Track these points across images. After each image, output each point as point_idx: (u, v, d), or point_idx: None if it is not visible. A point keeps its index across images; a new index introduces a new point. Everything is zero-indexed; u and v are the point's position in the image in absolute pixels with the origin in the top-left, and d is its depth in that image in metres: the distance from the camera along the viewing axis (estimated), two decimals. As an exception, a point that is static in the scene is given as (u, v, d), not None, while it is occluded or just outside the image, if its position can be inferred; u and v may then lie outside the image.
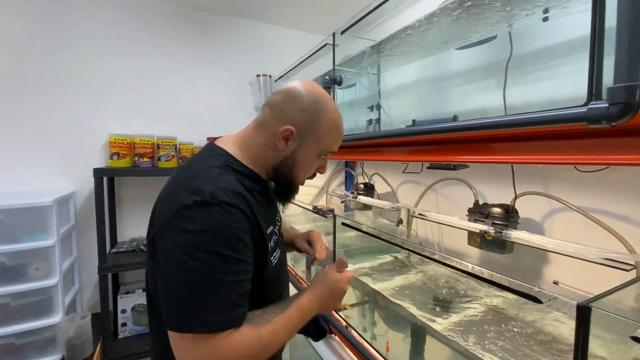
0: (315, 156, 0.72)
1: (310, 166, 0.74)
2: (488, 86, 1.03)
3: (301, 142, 0.69)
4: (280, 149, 0.69)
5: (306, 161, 0.72)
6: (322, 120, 0.69)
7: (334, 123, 0.71)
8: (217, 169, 0.63)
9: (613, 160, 0.53)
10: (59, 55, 1.71)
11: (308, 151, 0.70)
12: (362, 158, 1.21)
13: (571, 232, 1.02)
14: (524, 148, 0.67)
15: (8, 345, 1.32)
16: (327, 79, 1.22)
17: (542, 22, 0.79)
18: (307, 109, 0.68)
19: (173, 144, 1.84)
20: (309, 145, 0.70)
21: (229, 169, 0.66)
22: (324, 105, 0.69)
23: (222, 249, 0.55)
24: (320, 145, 0.71)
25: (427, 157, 0.88)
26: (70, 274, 1.65)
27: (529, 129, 0.61)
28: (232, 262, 0.56)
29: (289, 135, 0.67)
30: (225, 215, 0.56)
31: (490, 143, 0.72)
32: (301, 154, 0.70)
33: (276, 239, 0.74)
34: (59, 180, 1.72)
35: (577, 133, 0.57)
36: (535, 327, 0.86)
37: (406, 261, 1.44)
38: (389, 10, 1.03)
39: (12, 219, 1.32)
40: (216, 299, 0.54)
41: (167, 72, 1.98)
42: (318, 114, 0.68)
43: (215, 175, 0.61)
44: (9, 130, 1.62)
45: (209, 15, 2.09)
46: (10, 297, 1.32)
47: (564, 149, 0.60)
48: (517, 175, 1.12)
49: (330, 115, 0.70)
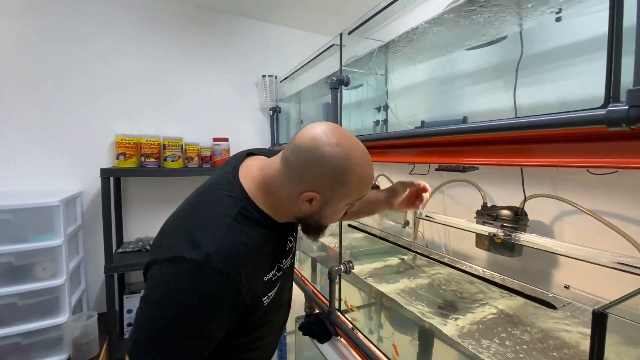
0: (344, 205, 0.68)
1: (340, 213, 0.70)
2: (497, 87, 1.01)
3: (328, 201, 0.64)
4: (305, 209, 0.65)
5: (334, 212, 0.68)
6: (348, 180, 0.62)
7: (362, 177, 0.64)
8: (230, 220, 0.60)
9: (629, 163, 0.52)
10: (67, 56, 1.72)
11: (336, 205, 0.66)
12: (369, 159, 1.20)
13: (582, 236, 1.01)
14: (536, 151, 0.65)
15: (15, 345, 1.33)
16: (334, 80, 1.22)
17: (554, 22, 0.78)
18: (331, 174, 0.61)
19: (179, 144, 1.84)
20: (336, 201, 0.65)
21: (244, 219, 0.62)
22: (348, 164, 0.61)
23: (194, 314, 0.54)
24: (349, 199, 0.66)
25: (436, 159, 0.87)
26: (76, 274, 1.65)
27: (542, 131, 0.59)
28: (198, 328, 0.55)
29: (313, 198, 0.63)
30: (211, 284, 0.55)
31: (501, 145, 0.71)
32: (328, 209, 0.66)
33: (276, 278, 0.71)
34: (66, 180, 1.73)
35: (590, 136, 0.56)
36: (545, 333, 0.85)
37: (413, 263, 1.43)
38: (397, 10, 1.02)
39: (19, 218, 1.33)
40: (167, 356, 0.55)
41: (173, 73, 1.98)
42: (344, 175, 0.61)
43: (223, 232, 0.58)
44: (17, 130, 1.63)
45: (217, 15, 2.10)
46: (17, 297, 1.33)
47: (577, 152, 0.59)
48: (525, 177, 1.10)
49: (358, 172, 0.63)
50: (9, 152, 1.62)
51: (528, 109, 0.92)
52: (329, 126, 0.63)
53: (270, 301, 0.69)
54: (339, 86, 1.22)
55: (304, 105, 2.14)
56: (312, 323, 1.28)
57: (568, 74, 0.85)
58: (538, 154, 0.64)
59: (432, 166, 1.53)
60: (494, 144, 0.71)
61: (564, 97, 0.87)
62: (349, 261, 1.25)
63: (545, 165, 0.61)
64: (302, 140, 0.62)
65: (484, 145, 0.74)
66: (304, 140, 0.62)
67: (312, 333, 1.26)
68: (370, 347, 1.07)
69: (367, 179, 0.66)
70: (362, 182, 0.65)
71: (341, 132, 0.63)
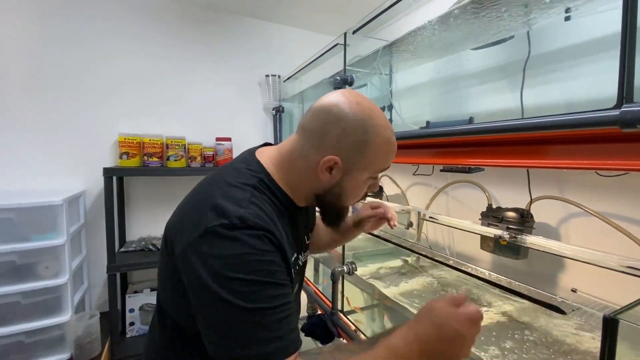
0: (366, 179, 0.63)
1: (361, 190, 0.65)
2: (504, 87, 1.00)
3: (348, 169, 0.59)
4: (324, 180, 0.60)
5: (355, 187, 0.63)
6: (372, 141, 0.58)
7: (385, 141, 0.59)
8: (251, 188, 0.58)
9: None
10: (71, 56, 1.72)
11: (357, 177, 0.61)
12: (372, 160, 1.19)
13: (589, 238, 0.99)
14: (545, 152, 0.64)
15: (18, 343, 1.33)
16: (337, 79, 1.21)
17: (563, 22, 0.77)
18: (353, 134, 0.57)
19: (182, 144, 1.84)
20: (358, 171, 0.60)
21: (265, 189, 0.60)
22: (372, 123, 0.58)
23: (253, 275, 0.49)
24: (371, 168, 0.61)
25: (442, 160, 0.86)
26: (79, 273, 1.66)
27: (550, 132, 0.58)
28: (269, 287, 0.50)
29: (333, 166, 0.59)
30: (254, 240, 0.51)
31: (508, 146, 0.70)
32: (350, 182, 0.61)
33: (297, 269, 0.68)
34: (69, 180, 1.74)
35: (601, 137, 0.55)
36: (549, 336, 0.84)
37: (416, 265, 1.42)
38: (402, 9, 1.01)
39: (22, 217, 1.33)
40: (260, 329, 0.48)
41: (176, 72, 1.98)
42: (367, 134, 0.57)
43: (248, 196, 0.56)
44: (21, 130, 1.64)
45: (219, 15, 2.09)
46: (20, 296, 1.33)
47: (587, 154, 0.58)
48: (531, 179, 1.09)
49: (382, 133, 0.59)
50: (13, 151, 1.62)
51: (534, 109, 0.91)
52: (347, 90, 0.61)
53: (294, 293, 0.65)
54: (343, 86, 1.22)
55: (307, 105, 2.13)
56: (315, 324, 1.27)
57: (576, 74, 0.83)
58: (547, 155, 0.63)
59: (436, 167, 1.52)
60: (501, 145, 0.70)
61: (572, 98, 0.86)
62: (352, 262, 1.24)
63: (554, 167, 0.60)
64: (321, 103, 0.60)
65: (491, 146, 0.73)
66: (322, 102, 0.60)
67: (314, 334, 1.25)
68: (373, 349, 1.06)
69: (391, 146, 0.61)
70: (386, 149, 0.60)
71: (361, 95, 0.60)
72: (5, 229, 1.29)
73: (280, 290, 0.52)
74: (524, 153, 0.67)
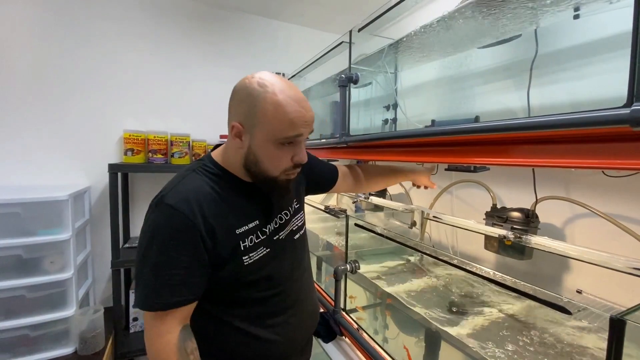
0: (272, 145, 0.68)
1: (275, 157, 0.70)
2: (510, 86, 0.99)
3: (250, 133, 0.68)
4: (239, 146, 0.70)
5: (265, 152, 0.69)
6: (260, 107, 0.66)
7: (274, 104, 0.65)
8: (190, 172, 0.73)
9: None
10: (76, 53, 1.73)
11: (260, 141, 0.68)
12: (377, 158, 1.19)
13: (595, 239, 0.99)
14: (551, 151, 0.64)
15: (23, 337, 1.35)
16: (342, 78, 1.20)
17: (572, 20, 0.76)
18: (245, 100, 0.67)
19: (186, 140, 1.84)
20: (258, 135, 0.68)
21: (203, 171, 0.73)
22: (263, 90, 0.66)
23: (156, 246, 0.64)
24: (269, 133, 0.67)
25: (446, 159, 0.85)
26: (84, 268, 1.67)
27: (557, 131, 0.58)
28: (163, 258, 0.64)
29: (238, 132, 0.69)
30: (165, 218, 0.65)
31: (515, 145, 0.69)
32: (257, 147, 0.69)
33: (260, 241, 0.75)
34: (75, 175, 1.75)
35: (610, 136, 0.54)
36: (556, 337, 0.83)
37: (419, 264, 1.41)
38: (408, 7, 1.00)
39: (29, 212, 1.34)
40: (154, 286, 0.65)
41: (181, 70, 1.99)
42: (256, 102, 0.66)
43: (179, 179, 0.71)
44: (28, 125, 1.65)
45: (224, 12, 2.09)
46: (26, 290, 1.34)
47: (595, 153, 0.57)
48: (537, 179, 1.08)
49: (269, 99, 0.65)
50: (20, 146, 1.63)
51: (540, 109, 0.90)
52: (258, 72, 0.70)
53: (255, 263, 0.73)
54: (348, 84, 1.21)
55: (311, 103, 2.12)
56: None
57: (584, 73, 0.83)
58: (554, 154, 0.62)
59: (440, 167, 1.51)
60: (507, 144, 0.69)
61: (578, 98, 0.85)
62: (355, 261, 1.24)
63: (561, 166, 0.60)
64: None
65: (497, 145, 0.72)
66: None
67: (316, 332, 1.25)
68: (375, 347, 1.06)
69: (281, 107, 0.66)
70: (276, 109, 0.65)
71: (269, 74, 0.69)
72: (12, 223, 1.31)
73: (169, 262, 0.65)
74: (530, 152, 0.67)
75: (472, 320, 0.95)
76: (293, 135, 0.68)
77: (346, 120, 1.25)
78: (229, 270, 0.71)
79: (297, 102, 0.67)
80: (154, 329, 0.66)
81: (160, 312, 0.65)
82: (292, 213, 0.86)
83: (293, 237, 0.86)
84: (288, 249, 0.83)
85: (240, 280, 0.73)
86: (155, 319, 0.66)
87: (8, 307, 1.32)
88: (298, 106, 0.67)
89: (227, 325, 0.75)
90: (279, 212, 0.82)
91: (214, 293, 0.73)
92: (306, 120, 0.69)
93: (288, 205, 0.86)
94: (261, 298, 0.76)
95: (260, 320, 0.77)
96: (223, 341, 0.76)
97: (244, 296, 0.75)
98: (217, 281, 0.71)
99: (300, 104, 0.68)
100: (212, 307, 0.75)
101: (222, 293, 0.74)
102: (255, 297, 0.76)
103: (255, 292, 0.76)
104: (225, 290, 0.74)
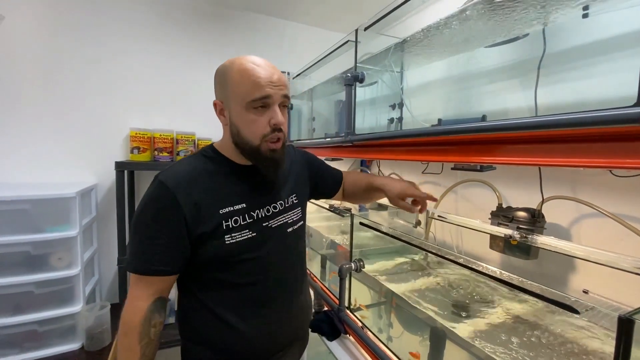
0: (246, 111, 0.73)
1: (251, 122, 0.74)
2: (517, 85, 0.99)
3: (228, 105, 0.75)
4: (225, 123, 0.78)
5: (242, 120, 0.74)
6: (228, 77, 0.73)
7: (239, 70, 0.72)
8: (189, 157, 0.81)
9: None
10: (85, 53, 1.75)
11: (236, 111, 0.74)
12: (382, 157, 1.20)
13: (602, 240, 0.98)
14: (558, 150, 0.64)
15: (31, 332, 1.37)
16: (348, 76, 1.21)
17: (580, 19, 0.75)
18: (218, 79, 0.77)
19: (192, 139, 1.86)
20: (233, 106, 0.74)
21: (201, 156, 0.81)
22: (229, 65, 0.74)
23: (145, 216, 0.72)
24: (240, 98, 0.72)
25: (453, 158, 0.85)
26: (90, 265, 1.68)
27: (565, 130, 0.58)
28: (148, 227, 0.71)
29: (220, 109, 0.78)
30: (155, 192, 0.72)
31: (522, 144, 0.69)
32: (234, 117, 0.75)
33: (247, 224, 0.77)
34: (82, 173, 1.77)
35: (618, 135, 0.54)
36: (562, 337, 0.83)
37: (424, 263, 1.41)
38: (415, 6, 1.00)
39: (37, 209, 1.36)
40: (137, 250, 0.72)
41: (187, 69, 2.00)
42: (225, 75, 0.74)
43: (179, 161, 0.79)
44: (37, 123, 1.67)
45: (230, 11, 2.10)
46: (34, 286, 1.36)
47: (603, 152, 0.57)
48: (543, 178, 1.08)
49: (235, 68, 0.73)
50: (28, 144, 1.65)
51: (546, 108, 0.89)
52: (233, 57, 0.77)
53: (234, 243, 0.75)
54: (354, 83, 1.21)
55: (316, 102, 2.13)
56: (321, 320, 1.28)
57: (592, 72, 0.82)
58: (561, 153, 0.62)
59: (445, 166, 1.51)
60: (515, 143, 0.69)
61: (585, 97, 0.85)
62: (360, 259, 1.24)
63: (569, 165, 0.60)
64: None
65: (504, 144, 0.72)
66: None
67: (320, 330, 1.26)
68: (379, 346, 1.06)
69: (245, 70, 0.72)
70: (241, 73, 0.72)
71: (240, 57, 0.75)
72: (20, 219, 1.32)
73: (151, 233, 0.71)
74: (537, 151, 0.67)
75: (477, 319, 0.95)
76: (260, 96, 0.71)
77: (352, 119, 1.25)
78: (211, 248, 0.74)
79: (261, 66, 0.73)
80: (131, 291, 0.73)
81: (137, 275, 0.72)
82: (287, 205, 0.88)
83: (286, 229, 0.86)
84: (277, 239, 0.84)
85: (220, 259, 0.75)
86: (133, 284, 0.73)
87: (17, 303, 1.34)
88: (261, 69, 0.72)
89: (204, 308, 0.78)
90: (273, 201, 0.84)
91: (194, 272, 0.77)
92: (272, 81, 0.72)
93: (284, 196, 0.88)
94: (236, 284, 0.78)
95: (234, 309, 0.78)
96: (198, 324, 0.79)
97: (220, 278, 0.77)
98: (198, 259, 0.75)
99: (265, 68, 0.73)
100: (193, 286, 0.79)
101: (202, 272, 0.77)
102: (232, 282, 0.78)
103: (233, 275, 0.77)
104: (206, 269, 0.77)
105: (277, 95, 0.73)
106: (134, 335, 0.71)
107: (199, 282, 0.79)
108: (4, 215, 1.30)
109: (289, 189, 0.90)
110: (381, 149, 1.17)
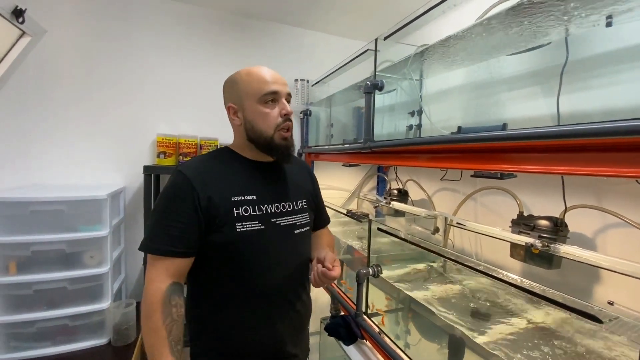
0: (259, 105, 0.83)
1: (264, 115, 0.84)
2: (539, 93, 0.99)
3: (240, 105, 0.85)
4: (239, 123, 0.87)
5: (256, 114, 0.84)
6: (239, 81, 0.85)
7: (246, 72, 0.85)
8: (206, 153, 0.91)
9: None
10: (116, 65, 1.85)
11: (250, 107, 0.84)
12: (401, 164, 1.21)
13: (628, 250, 0.96)
14: (582, 159, 0.64)
15: (63, 326, 1.44)
16: (368, 85, 1.23)
17: (604, 28, 0.75)
18: (228, 87, 0.89)
19: (215, 144, 1.92)
20: (246, 104, 0.84)
21: (216, 152, 0.92)
22: (236, 74, 0.87)
23: (164, 201, 0.79)
24: (253, 95, 0.83)
25: (473, 165, 0.86)
26: (118, 264, 1.76)
27: (589, 139, 0.58)
28: (166, 210, 0.78)
29: (234, 111, 0.87)
30: (173, 179, 0.81)
31: (544, 153, 0.69)
32: (249, 113, 0.84)
33: (256, 214, 0.83)
34: (112, 176, 1.86)
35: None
36: (585, 347, 0.82)
37: (442, 270, 1.41)
38: (436, 15, 1.02)
39: (72, 209, 1.44)
40: (155, 232, 0.77)
41: (211, 78, 2.07)
42: (234, 81, 0.86)
43: (196, 156, 0.94)
44: (72, 130, 1.77)
45: (252, 21, 2.17)
46: (67, 282, 1.44)
47: (629, 161, 0.57)
48: (566, 187, 1.06)
49: (243, 73, 0.85)
50: (65, 148, 1.76)
51: (569, 117, 0.89)
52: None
53: (247, 234, 0.80)
54: (373, 90, 1.24)
55: (334, 109, 2.17)
56: (338, 324, 1.29)
57: (615, 81, 0.82)
58: (586, 163, 0.62)
59: (464, 173, 1.50)
60: (537, 152, 0.70)
61: (609, 105, 0.84)
62: (378, 265, 1.25)
63: (594, 175, 0.60)
64: None
65: (526, 153, 0.73)
66: None
67: (337, 334, 1.27)
68: (396, 351, 1.07)
69: (252, 72, 0.85)
70: (249, 75, 0.85)
71: (247, 68, 0.87)
72: (57, 219, 1.41)
73: (171, 216, 0.77)
74: (560, 160, 0.67)
75: (497, 327, 0.94)
76: (270, 90, 0.83)
77: (370, 126, 1.27)
78: (222, 234, 0.79)
79: (265, 69, 0.85)
80: (149, 274, 0.76)
81: (154, 257, 0.76)
82: (297, 208, 0.92)
83: (293, 230, 0.90)
84: (284, 237, 0.87)
85: (230, 248, 0.80)
86: (151, 264, 0.77)
87: (51, 298, 1.42)
88: (266, 71, 0.85)
89: (210, 298, 0.83)
90: (282, 200, 0.90)
91: (204, 263, 0.82)
92: (277, 80, 0.85)
93: (294, 199, 0.92)
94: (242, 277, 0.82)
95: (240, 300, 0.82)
96: (205, 313, 0.84)
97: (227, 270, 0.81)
98: (209, 246, 0.80)
99: (268, 70, 0.86)
100: (201, 277, 0.84)
101: (211, 262, 0.82)
102: (239, 275, 0.81)
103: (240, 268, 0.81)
104: (215, 260, 0.81)
105: (283, 92, 0.85)
106: (157, 315, 0.71)
107: (208, 273, 0.83)
108: (43, 215, 1.39)
109: (299, 194, 0.95)
110: (400, 155, 1.18)
